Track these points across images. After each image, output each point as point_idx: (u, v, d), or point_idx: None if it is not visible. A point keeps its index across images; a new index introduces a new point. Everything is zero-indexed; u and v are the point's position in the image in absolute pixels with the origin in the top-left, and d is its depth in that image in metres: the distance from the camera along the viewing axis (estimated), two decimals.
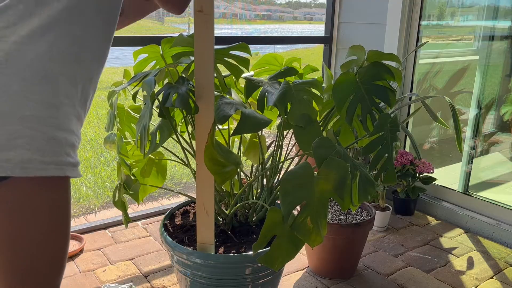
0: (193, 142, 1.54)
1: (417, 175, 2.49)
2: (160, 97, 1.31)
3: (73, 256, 2.05)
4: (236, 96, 1.50)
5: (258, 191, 1.63)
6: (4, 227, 0.84)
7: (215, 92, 1.43)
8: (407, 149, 2.80)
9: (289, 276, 1.96)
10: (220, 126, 1.65)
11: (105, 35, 0.92)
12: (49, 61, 0.80)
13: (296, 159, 1.64)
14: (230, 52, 1.42)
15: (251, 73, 1.67)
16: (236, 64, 1.42)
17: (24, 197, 0.82)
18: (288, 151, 1.68)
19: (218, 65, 1.45)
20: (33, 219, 0.84)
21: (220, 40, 2.41)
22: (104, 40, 0.92)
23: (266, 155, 1.64)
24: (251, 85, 1.42)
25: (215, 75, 1.46)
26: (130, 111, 1.64)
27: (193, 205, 1.72)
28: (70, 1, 0.83)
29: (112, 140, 1.57)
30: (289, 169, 1.26)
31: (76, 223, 2.43)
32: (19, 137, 0.77)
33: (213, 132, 1.16)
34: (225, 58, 1.42)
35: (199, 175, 1.30)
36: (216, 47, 1.40)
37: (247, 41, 1.49)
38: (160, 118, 1.40)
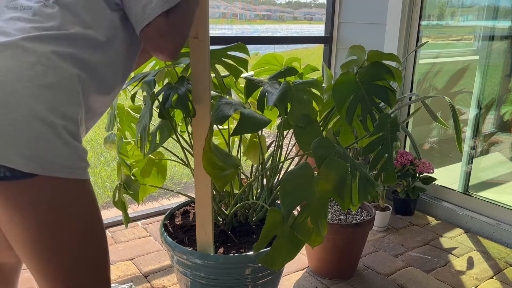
0: (193, 142, 1.54)
1: (417, 175, 2.49)
2: (160, 97, 1.31)
3: None
4: (235, 97, 1.50)
5: (258, 191, 1.63)
6: (29, 233, 0.85)
7: (214, 92, 1.43)
8: (407, 149, 2.79)
9: (289, 276, 1.96)
10: (220, 126, 1.64)
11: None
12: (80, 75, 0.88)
13: (296, 159, 1.64)
14: (228, 52, 1.41)
15: (251, 73, 1.67)
16: (234, 64, 1.42)
17: (46, 199, 0.85)
18: (288, 151, 1.68)
19: (216, 65, 1.45)
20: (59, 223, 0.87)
21: (220, 40, 2.41)
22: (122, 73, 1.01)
23: (266, 155, 1.64)
24: (251, 85, 1.42)
25: (214, 75, 1.46)
26: (130, 111, 1.64)
27: (193, 205, 1.72)
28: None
29: (112, 140, 1.57)
30: (289, 169, 1.26)
31: None
32: (44, 139, 0.81)
33: (210, 136, 1.16)
34: (223, 59, 1.42)
35: (197, 176, 1.30)
36: (214, 47, 1.40)
37: (246, 41, 1.49)
38: (160, 118, 1.40)
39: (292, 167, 1.27)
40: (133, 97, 1.36)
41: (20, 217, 0.83)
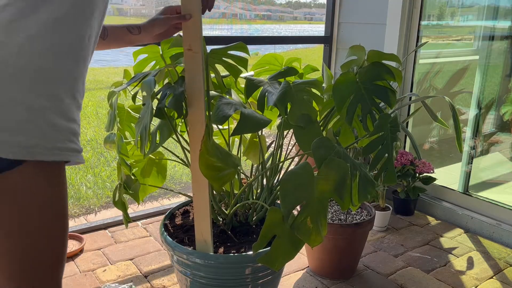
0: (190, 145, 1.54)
1: (417, 175, 2.49)
2: (159, 97, 1.31)
3: (73, 256, 2.05)
4: (235, 96, 1.50)
5: (258, 191, 1.63)
6: (13, 215, 0.85)
7: (214, 92, 1.43)
8: (407, 149, 2.80)
9: (289, 276, 1.96)
10: (220, 126, 1.65)
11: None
12: (53, 56, 0.84)
13: (296, 159, 1.64)
14: (229, 52, 1.42)
15: (251, 73, 1.67)
16: (234, 64, 1.42)
17: (32, 184, 0.85)
18: (288, 151, 1.68)
19: (216, 65, 1.45)
20: (42, 206, 0.88)
21: (220, 40, 2.41)
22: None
23: (266, 155, 1.64)
24: (251, 85, 1.42)
25: (214, 75, 1.46)
26: (130, 111, 1.64)
27: (193, 205, 1.72)
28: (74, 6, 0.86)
29: (112, 140, 1.57)
30: (289, 169, 1.26)
31: (76, 223, 2.44)
32: (27, 123, 0.80)
33: (207, 138, 1.16)
34: (223, 58, 1.42)
35: (194, 177, 1.30)
36: (214, 47, 1.41)
37: (246, 41, 1.49)
38: (159, 118, 1.40)
39: (292, 167, 1.27)
40: (134, 97, 1.36)
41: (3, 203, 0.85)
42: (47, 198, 0.88)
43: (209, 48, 1.39)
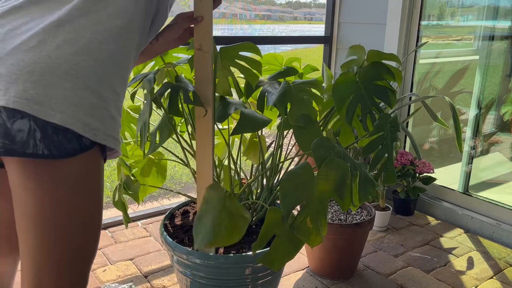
0: (193, 142, 1.54)
1: (417, 175, 2.49)
2: (167, 95, 1.31)
3: None
4: (236, 96, 1.50)
5: (258, 191, 1.63)
6: (68, 200, 0.86)
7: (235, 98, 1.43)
8: (407, 149, 2.80)
9: (289, 276, 1.96)
10: (220, 126, 1.65)
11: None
12: (121, 56, 0.91)
13: (296, 159, 1.64)
14: (240, 53, 1.40)
15: None
16: (249, 67, 1.40)
17: (89, 173, 0.88)
18: (288, 151, 1.68)
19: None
20: (92, 198, 0.91)
21: (220, 40, 2.41)
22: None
23: (266, 155, 1.64)
24: (251, 85, 1.41)
25: (231, 78, 1.45)
26: (130, 111, 1.64)
27: (193, 205, 1.72)
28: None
29: None
30: (289, 169, 1.26)
31: None
32: (96, 109, 0.85)
33: None
34: (236, 60, 1.40)
35: (199, 178, 1.30)
36: (222, 46, 1.40)
37: (247, 41, 1.48)
38: (160, 118, 1.40)
39: (292, 167, 1.27)
40: (132, 96, 1.36)
41: (39, 192, 0.84)
42: (97, 189, 0.91)
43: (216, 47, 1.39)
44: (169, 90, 1.29)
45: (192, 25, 1.23)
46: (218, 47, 1.38)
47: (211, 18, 1.21)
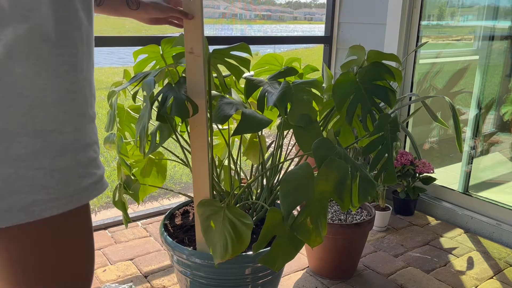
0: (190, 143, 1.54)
1: (417, 175, 2.49)
2: (160, 98, 1.31)
3: None
4: (236, 96, 1.50)
5: (258, 191, 1.63)
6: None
7: (215, 92, 1.43)
8: (407, 149, 2.80)
9: (289, 276, 1.96)
10: (220, 126, 1.65)
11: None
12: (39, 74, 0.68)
13: (296, 159, 1.64)
14: (231, 52, 1.41)
15: (251, 73, 1.66)
16: (237, 64, 1.42)
17: (33, 245, 0.71)
18: (288, 151, 1.68)
19: (218, 65, 1.45)
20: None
21: (220, 40, 2.41)
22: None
23: (266, 155, 1.64)
24: (251, 85, 1.42)
25: (215, 75, 1.46)
26: (130, 111, 1.63)
27: (193, 205, 1.72)
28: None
29: (112, 140, 1.57)
30: (289, 169, 1.26)
31: None
32: (17, 180, 0.66)
33: None
34: (225, 59, 1.42)
35: (195, 178, 1.30)
36: (217, 47, 1.40)
37: (247, 41, 1.49)
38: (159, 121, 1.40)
39: (292, 167, 1.27)
40: (134, 97, 1.36)
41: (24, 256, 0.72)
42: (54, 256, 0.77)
43: (211, 48, 1.39)
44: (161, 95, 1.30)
45: (176, 16, 1.19)
46: (211, 48, 1.39)
47: (201, 19, 1.20)
